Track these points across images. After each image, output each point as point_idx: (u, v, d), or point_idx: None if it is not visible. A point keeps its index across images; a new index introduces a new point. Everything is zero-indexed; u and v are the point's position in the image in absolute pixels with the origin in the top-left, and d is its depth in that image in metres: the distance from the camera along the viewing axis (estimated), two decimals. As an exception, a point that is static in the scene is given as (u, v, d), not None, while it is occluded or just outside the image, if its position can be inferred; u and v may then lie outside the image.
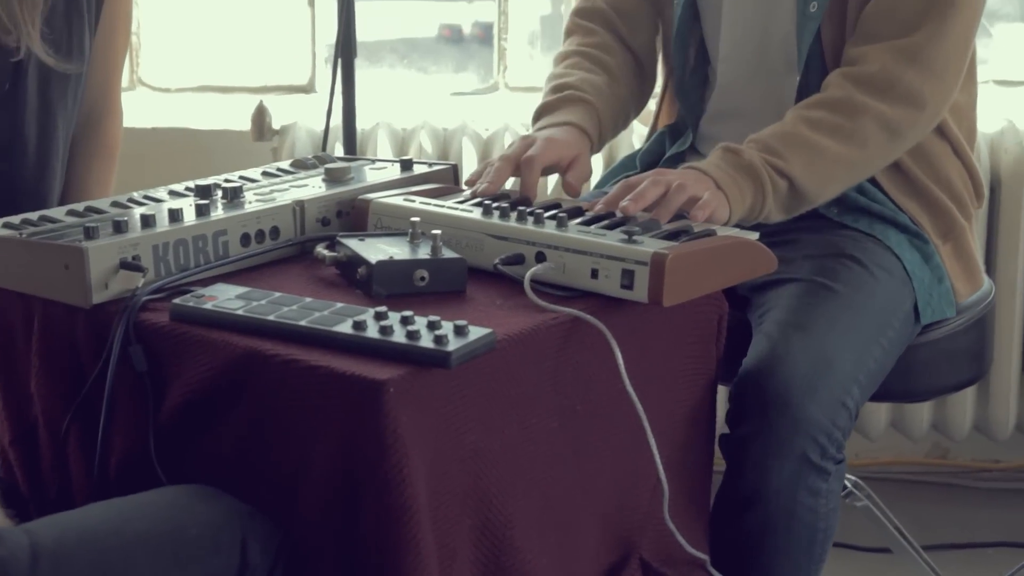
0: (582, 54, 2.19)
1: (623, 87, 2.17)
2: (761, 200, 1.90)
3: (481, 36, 3.79)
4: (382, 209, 1.84)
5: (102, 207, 1.81)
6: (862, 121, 1.94)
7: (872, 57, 1.97)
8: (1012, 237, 3.01)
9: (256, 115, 3.08)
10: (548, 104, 2.10)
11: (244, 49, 3.60)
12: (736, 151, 1.91)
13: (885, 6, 1.98)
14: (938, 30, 1.96)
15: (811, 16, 2.03)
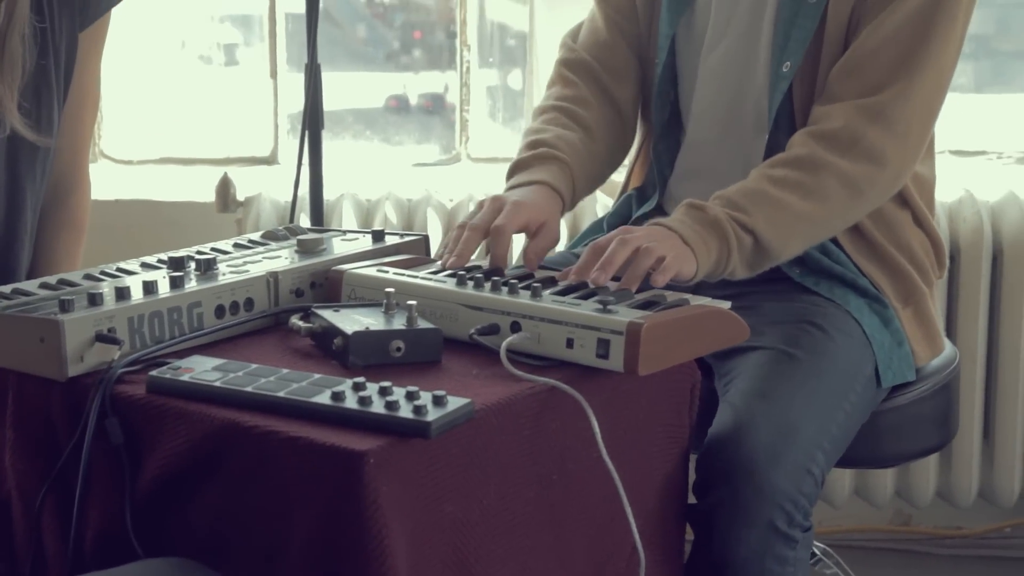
0: (559, 109, 2.20)
1: (599, 143, 2.19)
2: (726, 255, 1.92)
3: (428, 106, 3.82)
4: (356, 280, 1.85)
5: (75, 280, 1.81)
6: (824, 177, 1.97)
7: (837, 114, 2.00)
8: (971, 305, 3.04)
9: (220, 186, 3.09)
10: (522, 161, 2.11)
11: (206, 121, 3.61)
12: (701, 207, 1.93)
13: (853, 66, 2.02)
14: (904, 91, 1.99)
15: (783, 76, 2.07)
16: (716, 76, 2.15)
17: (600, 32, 2.26)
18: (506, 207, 1.96)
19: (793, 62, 2.06)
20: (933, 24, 2.00)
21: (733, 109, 2.14)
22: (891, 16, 2.01)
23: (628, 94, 2.25)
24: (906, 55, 2.00)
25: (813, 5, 2.06)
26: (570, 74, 2.24)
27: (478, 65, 3.51)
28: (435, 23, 3.87)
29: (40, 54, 2.11)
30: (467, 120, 3.50)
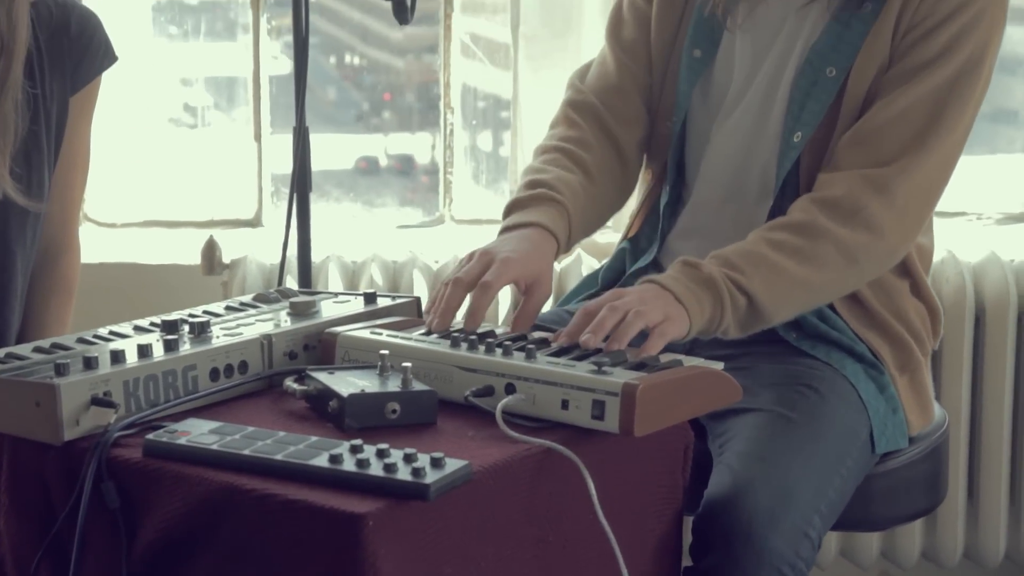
0: (561, 150, 2.19)
1: (599, 187, 2.18)
2: (720, 314, 1.93)
3: (398, 168, 3.83)
4: (349, 342, 1.85)
5: (68, 343, 1.81)
6: (822, 244, 1.98)
7: (840, 182, 2.01)
8: (955, 367, 3.05)
9: (206, 249, 3.09)
10: (519, 200, 2.11)
11: (189, 184, 3.62)
12: (695, 264, 1.94)
13: (862, 137, 2.03)
14: (909, 167, 2.01)
15: (793, 146, 2.08)
16: (728, 140, 2.16)
17: (610, 76, 2.25)
18: (495, 264, 1.94)
19: (805, 133, 2.07)
20: (945, 107, 2.02)
21: (740, 173, 2.15)
22: (905, 94, 2.02)
23: (633, 140, 2.24)
24: (916, 134, 2.01)
25: (832, 79, 2.07)
26: (575, 116, 2.24)
27: (461, 126, 3.53)
28: (404, 85, 3.89)
29: (32, 119, 2.12)
30: (451, 182, 3.52)
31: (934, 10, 2.04)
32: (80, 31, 2.22)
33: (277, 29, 3.56)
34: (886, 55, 2.07)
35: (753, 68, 2.15)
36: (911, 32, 2.05)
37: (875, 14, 2.06)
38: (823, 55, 2.08)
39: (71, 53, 2.21)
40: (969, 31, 2.04)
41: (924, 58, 2.04)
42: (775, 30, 2.14)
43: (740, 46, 2.16)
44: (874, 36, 2.06)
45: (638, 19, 2.26)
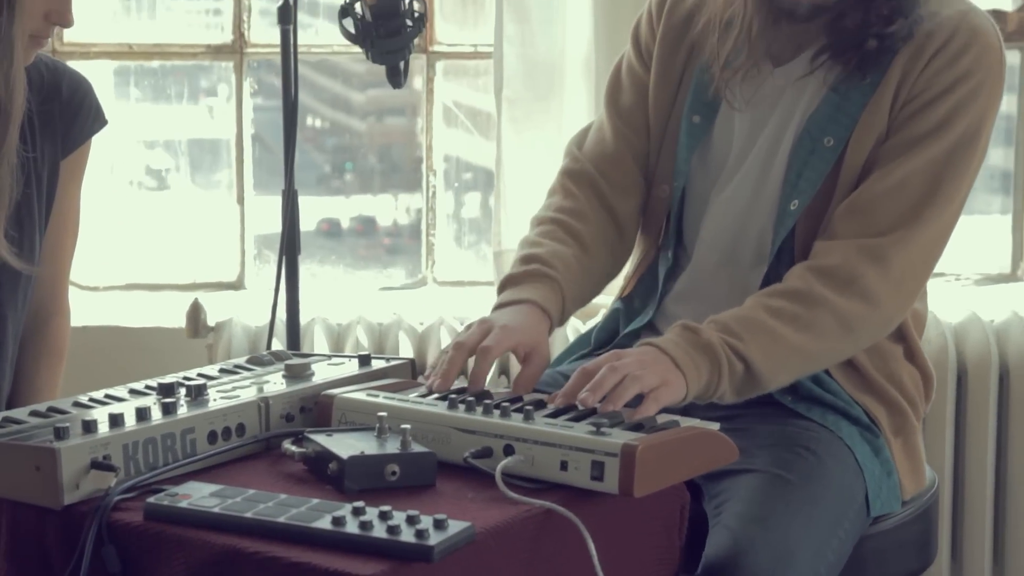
0: (556, 221, 2.20)
1: (594, 258, 2.19)
2: (716, 380, 1.94)
3: (360, 230, 3.85)
4: (346, 404, 1.85)
5: (65, 407, 1.81)
6: (819, 312, 1.99)
7: (836, 251, 2.02)
8: (938, 427, 3.07)
9: (191, 312, 3.09)
10: (514, 276, 2.12)
11: (172, 247, 3.62)
12: (695, 329, 1.95)
13: (858, 207, 2.04)
14: (906, 238, 2.02)
15: (790, 213, 2.09)
16: (726, 207, 2.17)
17: (607, 144, 2.26)
18: (494, 330, 1.97)
19: (802, 201, 2.09)
20: (942, 179, 2.03)
21: (736, 239, 2.16)
22: (902, 165, 2.04)
23: (630, 208, 2.25)
24: (912, 205, 2.03)
25: (830, 149, 2.08)
26: (572, 185, 2.25)
27: (444, 189, 3.55)
28: (366, 147, 3.91)
29: (24, 182, 2.12)
30: (433, 244, 3.53)
31: (932, 83, 2.05)
32: (71, 95, 2.23)
33: (224, 90, 3.59)
34: (884, 126, 2.08)
35: (751, 136, 2.17)
36: (909, 104, 2.07)
37: (874, 86, 2.08)
38: (821, 125, 2.10)
39: (62, 117, 2.21)
40: (967, 104, 2.05)
41: (922, 130, 2.05)
42: (773, 99, 2.15)
43: (739, 115, 2.18)
44: (872, 107, 2.08)
45: (636, 85, 2.28)
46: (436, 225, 3.52)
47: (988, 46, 2.06)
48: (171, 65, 3.53)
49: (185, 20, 3.61)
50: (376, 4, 1.99)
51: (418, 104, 3.59)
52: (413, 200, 3.79)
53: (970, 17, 2.08)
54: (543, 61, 3.24)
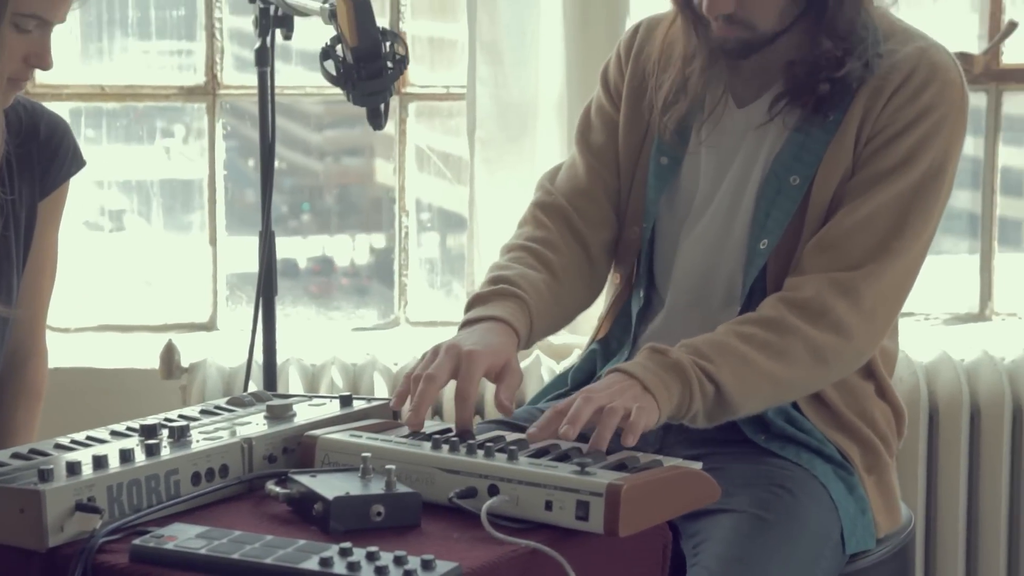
0: (526, 248, 2.21)
1: (564, 287, 2.20)
2: (688, 400, 1.94)
3: (317, 270, 3.85)
4: (329, 445, 1.85)
5: (46, 449, 1.80)
6: (791, 341, 2.01)
7: (808, 285, 2.04)
8: (911, 466, 3.09)
9: (165, 353, 3.09)
10: (481, 295, 2.12)
11: (142, 288, 3.62)
12: (662, 351, 1.96)
13: (828, 243, 2.06)
14: (876, 272, 2.04)
15: (760, 253, 2.11)
16: (695, 247, 2.18)
17: (580, 179, 2.28)
18: (463, 364, 1.95)
19: (771, 241, 2.10)
20: (910, 213, 2.06)
21: (707, 280, 2.17)
22: (870, 201, 2.06)
23: (601, 242, 2.26)
24: (881, 240, 2.05)
25: (796, 187, 2.10)
26: (543, 216, 2.26)
27: (417, 231, 3.56)
28: (323, 187, 3.92)
29: (3, 225, 2.12)
30: (406, 285, 3.54)
31: (895, 119, 2.08)
32: (49, 136, 2.23)
33: (196, 131, 3.59)
34: (849, 163, 2.10)
35: (717, 177, 2.19)
36: (873, 140, 2.09)
37: (836, 124, 2.10)
38: (786, 165, 2.12)
39: (40, 159, 2.21)
40: (931, 138, 2.07)
41: (887, 165, 2.07)
42: (738, 139, 2.17)
43: (705, 156, 2.20)
44: (836, 145, 2.10)
45: (606, 124, 2.29)
46: (409, 266, 3.53)
47: (949, 81, 2.09)
48: (125, 107, 3.54)
49: (157, 62, 3.61)
50: (358, 47, 2.00)
51: (376, 144, 3.60)
52: (372, 240, 3.80)
53: (930, 53, 2.10)
54: (516, 103, 3.26)
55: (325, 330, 3.55)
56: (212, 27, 3.46)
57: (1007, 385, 3.11)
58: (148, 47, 3.58)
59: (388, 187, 3.60)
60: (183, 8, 3.54)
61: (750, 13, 2.07)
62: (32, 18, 2.01)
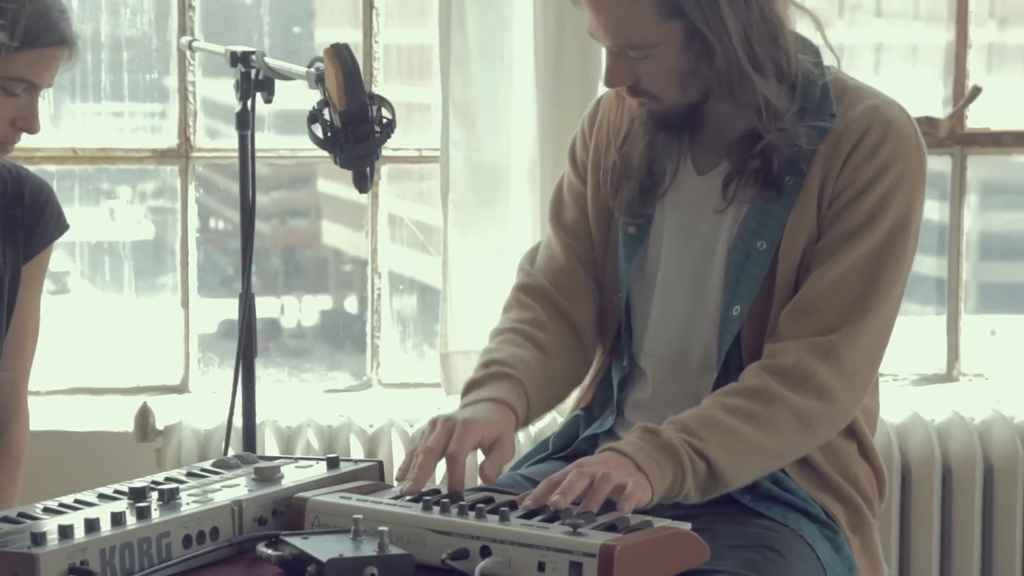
0: (515, 330, 2.22)
1: (556, 364, 2.21)
2: (681, 479, 1.96)
3: (262, 331, 3.85)
4: (319, 507, 1.86)
5: (35, 513, 1.79)
6: (776, 409, 2.03)
7: (789, 351, 2.06)
8: (884, 526, 3.11)
9: (139, 416, 3.08)
10: (475, 380, 2.13)
11: (114, 350, 3.61)
12: (655, 431, 1.97)
13: (803, 308, 2.08)
14: (853, 333, 2.06)
15: (733, 319, 2.12)
16: (667, 315, 2.20)
17: (557, 258, 2.29)
18: (457, 429, 1.98)
19: (743, 306, 2.12)
20: (880, 271, 2.08)
21: (682, 347, 2.19)
22: (839, 262, 2.08)
23: (586, 316, 2.27)
24: (855, 300, 2.07)
25: (763, 252, 2.12)
26: (526, 298, 2.27)
27: (389, 295, 3.57)
28: (268, 249, 3.93)
29: (-13, 287, 2.13)
30: (378, 346, 3.54)
31: (855, 179, 2.10)
32: (33, 200, 2.24)
33: (141, 194, 3.60)
34: (813, 225, 2.12)
35: (684, 245, 2.20)
36: (836, 201, 2.11)
37: (797, 187, 2.12)
38: (752, 230, 2.14)
39: (25, 222, 2.22)
40: (892, 194, 2.10)
41: (852, 225, 2.10)
42: (700, 208, 2.19)
43: (669, 224, 2.22)
44: (799, 208, 2.12)
45: (576, 200, 2.31)
46: (381, 327, 3.54)
47: (904, 136, 2.11)
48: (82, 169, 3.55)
49: (129, 124, 3.62)
50: (346, 110, 2.02)
51: (321, 206, 3.62)
52: (317, 301, 3.80)
53: (883, 110, 2.12)
54: (489, 166, 3.29)
55: (296, 392, 3.55)
56: (186, 90, 3.47)
57: (978, 445, 3.14)
58: (121, 108, 3.59)
59: (334, 248, 3.62)
60: (155, 71, 3.55)
61: (649, 86, 2.10)
62: (20, 82, 2.02)
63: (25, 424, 2.31)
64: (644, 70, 2.09)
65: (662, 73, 2.09)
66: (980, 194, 3.74)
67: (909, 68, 3.80)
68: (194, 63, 3.48)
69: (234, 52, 2.44)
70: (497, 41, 3.27)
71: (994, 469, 3.17)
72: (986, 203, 3.81)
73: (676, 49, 2.07)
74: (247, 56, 2.43)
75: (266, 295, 3.81)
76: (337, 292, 3.95)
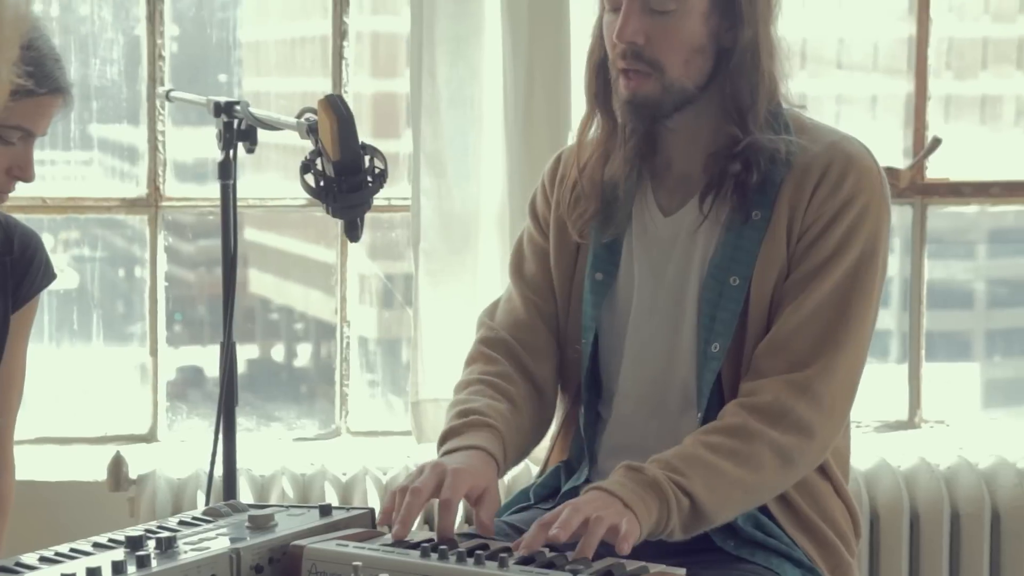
0: (485, 382, 2.24)
1: (525, 417, 2.23)
2: (666, 515, 1.99)
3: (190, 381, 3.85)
4: (317, 555, 1.86)
5: (32, 563, 1.79)
6: (756, 446, 2.06)
7: (766, 389, 2.10)
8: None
9: (113, 465, 3.08)
10: (454, 428, 2.15)
11: (80, 399, 3.60)
12: (639, 468, 2.00)
13: (778, 344, 2.12)
14: (827, 367, 2.10)
15: (713, 356, 2.16)
16: (641, 356, 2.23)
17: (518, 312, 2.32)
18: (448, 477, 2.00)
19: (722, 343, 2.15)
20: (850, 302, 2.13)
21: (659, 388, 2.22)
22: (811, 296, 2.12)
23: (547, 372, 2.31)
24: (827, 333, 2.11)
25: (737, 287, 2.16)
26: (491, 352, 2.30)
27: (358, 344, 3.58)
28: (195, 297, 3.93)
29: (-24, 336, 2.13)
30: (347, 395, 3.55)
31: (821, 213, 2.15)
32: (23, 250, 2.24)
33: (64, 242, 3.60)
34: (784, 260, 2.17)
35: (655, 285, 2.24)
36: (804, 236, 2.16)
37: (766, 220, 2.17)
38: (723, 266, 2.18)
39: (14, 272, 2.22)
40: (858, 227, 2.15)
41: (821, 258, 2.14)
42: (668, 247, 2.23)
43: (638, 267, 2.25)
44: (769, 242, 2.16)
45: (537, 254, 2.34)
46: (350, 375, 3.55)
47: (866, 168, 2.17)
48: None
49: (98, 173, 3.63)
50: (340, 160, 2.04)
51: (248, 254, 3.64)
52: (246, 351, 3.80)
53: (843, 145, 2.18)
54: (459, 214, 3.32)
55: (264, 439, 3.56)
56: (155, 140, 3.48)
57: (945, 491, 3.18)
58: (90, 157, 3.59)
59: (260, 297, 3.62)
60: (125, 120, 3.56)
61: (657, 51, 2.14)
62: (17, 130, 2.03)
63: (11, 474, 2.31)
64: (657, 32, 2.13)
65: (675, 38, 2.14)
66: (940, 243, 3.79)
67: (869, 119, 3.86)
68: (164, 113, 3.49)
69: (217, 102, 2.45)
70: (467, 91, 3.31)
71: (960, 515, 3.21)
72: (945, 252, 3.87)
73: (697, 16, 2.14)
74: (231, 106, 2.44)
75: (192, 344, 3.81)
76: (263, 341, 3.96)
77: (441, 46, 3.27)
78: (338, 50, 3.51)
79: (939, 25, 3.64)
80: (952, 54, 3.81)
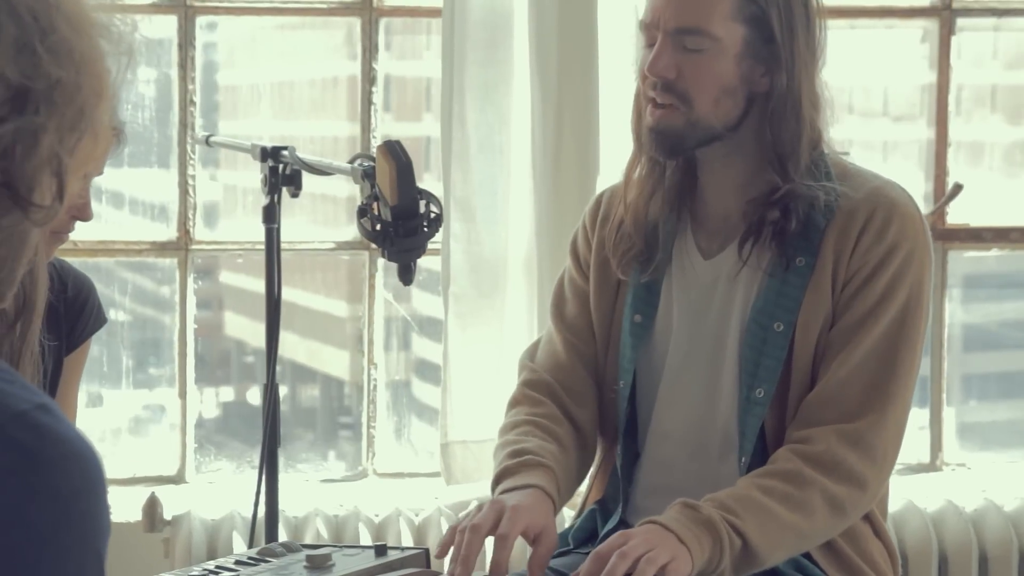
0: (533, 423, 2.25)
1: (572, 458, 2.25)
2: (719, 555, 2.01)
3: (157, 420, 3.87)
4: (377, 595, 1.89)
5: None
6: (810, 492, 2.08)
7: (818, 438, 2.12)
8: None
9: (147, 506, 3.09)
10: (508, 468, 2.16)
11: (108, 440, 3.62)
12: (694, 506, 2.02)
13: (828, 396, 2.14)
14: (879, 420, 2.13)
15: (757, 402, 2.18)
16: (680, 401, 2.25)
17: (559, 355, 2.34)
18: (506, 512, 2.02)
19: (767, 389, 2.17)
20: (897, 351, 2.15)
21: (700, 432, 2.24)
22: (859, 346, 2.14)
23: (587, 416, 2.32)
24: (877, 383, 2.14)
25: (781, 333, 2.18)
26: (536, 394, 2.31)
27: (385, 386, 3.61)
28: (171, 341, 3.95)
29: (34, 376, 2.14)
30: (373, 436, 3.57)
31: (866, 260, 2.17)
32: (76, 293, 2.27)
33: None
34: (828, 307, 2.18)
35: (694, 328, 2.26)
36: (849, 284, 2.18)
37: (810, 267, 2.19)
38: (767, 312, 2.20)
39: (67, 315, 2.25)
40: (903, 274, 2.17)
41: (867, 306, 2.16)
42: (708, 291, 2.25)
43: (678, 309, 2.27)
44: (814, 289, 2.18)
45: (578, 296, 2.36)
46: (376, 417, 3.57)
47: (909, 215, 2.19)
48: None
49: (129, 219, 3.65)
50: (397, 205, 2.08)
51: (224, 297, 3.65)
52: (221, 393, 3.81)
53: (886, 191, 2.20)
54: (488, 259, 3.34)
55: (292, 481, 3.57)
56: (186, 184, 3.52)
57: (973, 534, 3.21)
58: (121, 201, 3.62)
59: (237, 339, 3.64)
60: (155, 164, 3.60)
61: (688, 86, 2.16)
62: None
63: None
64: (689, 68, 2.16)
65: (706, 76, 2.16)
66: (960, 288, 3.83)
67: (890, 165, 3.90)
68: (195, 157, 3.52)
69: (264, 147, 2.49)
70: (496, 137, 3.34)
71: (988, 557, 3.23)
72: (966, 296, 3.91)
73: (730, 55, 2.16)
74: (277, 151, 2.48)
75: (169, 387, 3.82)
76: (239, 384, 3.97)
77: (471, 92, 3.31)
78: (367, 95, 3.54)
79: (959, 71, 3.69)
80: (974, 99, 3.85)
